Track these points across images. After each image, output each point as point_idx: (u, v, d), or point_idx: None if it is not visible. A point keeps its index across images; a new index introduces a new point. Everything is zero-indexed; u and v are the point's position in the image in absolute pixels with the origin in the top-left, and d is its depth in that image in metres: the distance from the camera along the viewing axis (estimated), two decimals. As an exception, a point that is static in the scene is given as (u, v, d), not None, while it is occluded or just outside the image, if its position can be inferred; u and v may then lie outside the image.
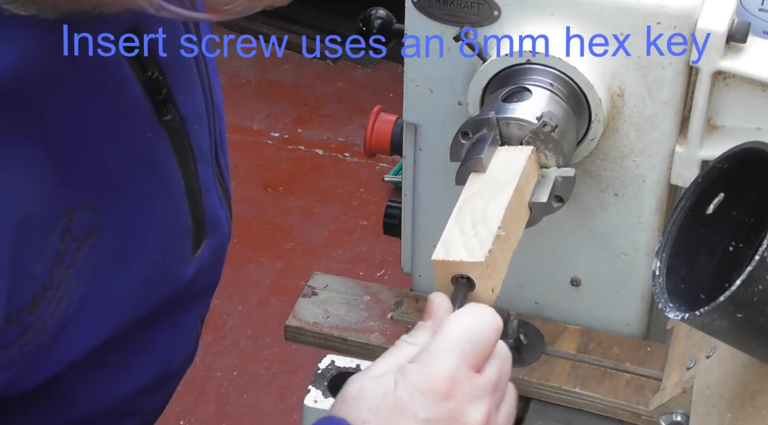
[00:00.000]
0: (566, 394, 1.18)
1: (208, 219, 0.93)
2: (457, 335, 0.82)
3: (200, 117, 0.90)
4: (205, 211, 0.92)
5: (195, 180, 0.89)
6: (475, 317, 0.83)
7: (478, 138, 1.04)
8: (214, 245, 0.94)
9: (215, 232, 0.94)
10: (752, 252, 0.91)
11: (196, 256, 0.92)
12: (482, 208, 0.96)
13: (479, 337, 0.82)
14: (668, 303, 0.90)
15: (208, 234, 0.93)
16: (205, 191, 0.92)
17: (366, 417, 0.79)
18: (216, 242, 0.95)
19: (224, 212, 0.97)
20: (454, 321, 0.83)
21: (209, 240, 0.93)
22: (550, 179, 1.03)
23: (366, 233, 2.78)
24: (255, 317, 2.58)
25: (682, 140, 1.15)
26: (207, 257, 0.93)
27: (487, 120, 1.04)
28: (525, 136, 1.04)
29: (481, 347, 0.82)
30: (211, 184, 0.93)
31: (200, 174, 0.90)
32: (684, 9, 1.08)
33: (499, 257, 0.92)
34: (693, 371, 1.07)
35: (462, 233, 0.93)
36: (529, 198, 1.01)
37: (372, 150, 1.31)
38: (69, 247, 0.78)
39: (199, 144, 0.89)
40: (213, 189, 0.94)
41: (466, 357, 0.81)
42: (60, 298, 0.78)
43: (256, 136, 3.13)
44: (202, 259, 0.92)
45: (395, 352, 0.84)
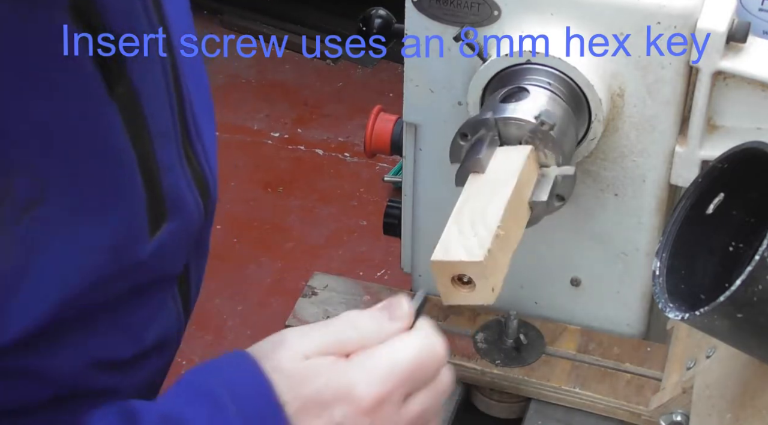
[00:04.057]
0: (566, 394, 1.18)
1: (169, 200, 0.91)
2: (406, 361, 0.82)
3: (158, 93, 0.88)
4: (164, 189, 0.90)
5: (152, 157, 0.88)
6: (428, 346, 0.84)
7: (476, 139, 1.04)
8: (177, 227, 0.92)
9: (178, 214, 0.92)
10: (752, 252, 0.91)
11: (156, 237, 0.90)
12: (481, 208, 0.96)
13: (424, 368, 0.83)
14: (668, 303, 0.90)
15: (169, 216, 0.91)
16: (165, 169, 0.90)
17: (287, 398, 0.80)
18: (180, 225, 0.93)
19: (193, 196, 0.95)
20: (408, 343, 0.84)
21: (171, 223, 0.91)
22: (550, 178, 1.03)
23: (366, 233, 2.78)
24: (255, 317, 2.58)
25: (682, 140, 1.15)
26: (168, 239, 0.91)
27: (485, 121, 1.04)
28: (524, 135, 1.04)
29: (422, 377, 0.83)
30: (173, 163, 0.91)
31: (158, 151, 0.89)
32: (684, 9, 1.08)
33: (499, 257, 0.92)
34: (693, 371, 1.07)
35: (461, 233, 0.93)
36: (529, 197, 1.01)
37: (372, 150, 1.31)
38: (9, 213, 0.77)
39: (155, 120, 0.88)
40: (176, 168, 0.91)
41: (405, 385, 0.82)
42: None
43: (256, 136, 3.12)
44: (161, 240, 0.91)
45: (337, 332, 0.84)
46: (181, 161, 0.92)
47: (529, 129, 1.03)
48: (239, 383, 0.82)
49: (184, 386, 0.83)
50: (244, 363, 0.83)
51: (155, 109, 0.87)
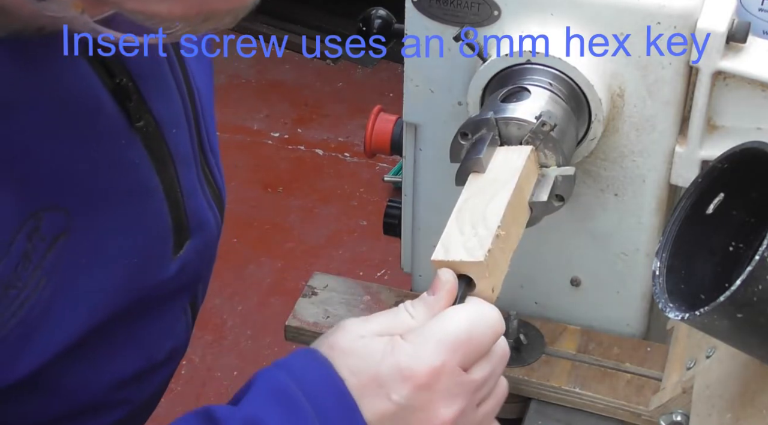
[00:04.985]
0: (566, 394, 1.18)
1: (193, 221, 0.92)
2: (454, 330, 0.83)
3: (178, 120, 0.89)
4: (188, 214, 0.91)
5: (176, 184, 0.89)
6: (478, 315, 0.84)
7: (477, 139, 1.04)
8: (198, 244, 0.94)
9: (200, 232, 0.94)
10: (752, 252, 0.91)
11: (179, 256, 0.91)
12: (482, 208, 0.96)
13: (476, 337, 0.84)
14: (668, 303, 0.90)
15: (192, 235, 0.93)
16: (188, 195, 0.91)
17: (345, 375, 0.82)
18: (201, 242, 0.94)
19: (212, 213, 0.96)
20: (455, 314, 0.84)
21: (193, 240, 0.93)
22: (550, 178, 1.03)
23: (366, 233, 2.78)
24: (255, 317, 2.58)
25: (682, 140, 1.15)
26: (191, 256, 0.93)
27: (486, 120, 1.04)
28: (524, 136, 1.04)
29: (475, 347, 0.84)
30: (195, 186, 0.93)
31: (181, 178, 0.90)
32: (684, 9, 1.08)
33: (499, 257, 0.92)
34: (693, 371, 1.07)
35: (461, 233, 0.93)
36: (529, 198, 1.01)
37: (372, 150, 1.31)
38: (38, 247, 0.78)
39: (177, 148, 0.89)
40: (197, 191, 0.93)
41: (458, 354, 0.83)
42: (24, 298, 0.78)
43: (256, 136, 3.12)
44: (184, 258, 0.92)
45: (393, 317, 0.86)
46: (201, 182, 0.93)
47: (529, 129, 1.03)
48: (310, 378, 0.83)
49: (258, 386, 0.84)
50: (310, 354, 0.85)
51: (175, 137, 0.88)
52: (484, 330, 0.84)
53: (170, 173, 0.88)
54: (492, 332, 0.85)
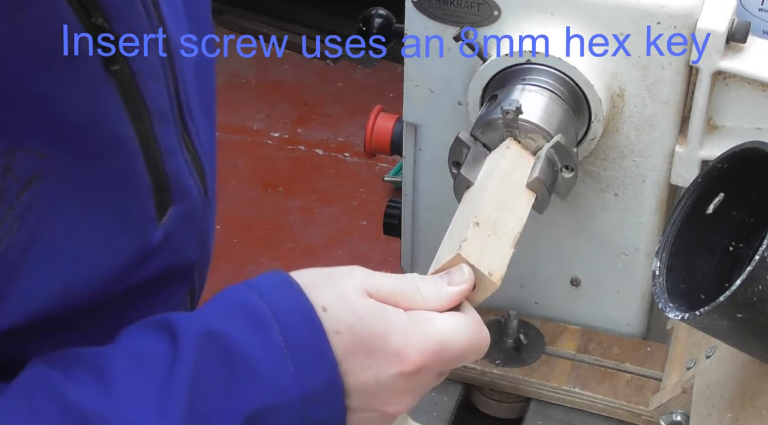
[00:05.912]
0: (566, 394, 1.18)
1: (174, 184, 0.91)
2: (454, 348, 0.84)
3: (155, 73, 0.88)
4: (168, 173, 0.90)
5: (152, 140, 0.87)
6: (477, 341, 0.85)
7: (465, 161, 1.05)
8: (181, 212, 0.92)
9: (184, 199, 0.92)
10: (752, 252, 0.92)
11: (163, 222, 0.90)
12: (470, 209, 0.96)
13: (466, 359, 0.85)
14: (668, 303, 0.90)
15: (174, 200, 0.91)
16: (167, 153, 0.89)
17: (341, 328, 0.82)
18: (184, 210, 0.93)
19: (194, 181, 0.95)
20: (463, 330, 0.85)
21: (177, 207, 0.91)
22: (541, 155, 1.03)
23: (366, 233, 2.78)
24: (255, 317, 2.58)
25: (682, 140, 1.15)
26: (175, 225, 0.91)
27: (460, 141, 1.05)
28: (502, 133, 1.04)
29: (457, 363, 0.85)
30: (174, 146, 0.91)
31: (158, 134, 0.88)
32: (684, 9, 1.08)
33: (490, 243, 0.91)
34: (693, 371, 1.07)
35: (450, 239, 0.94)
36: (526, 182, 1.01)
37: (372, 150, 1.32)
38: (11, 187, 0.77)
39: (154, 101, 0.87)
40: (177, 152, 0.91)
41: (444, 364, 0.84)
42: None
43: (256, 136, 3.12)
44: (168, 226, 0.91)
45: (402, 286, 0.86)
46: (180, 144, 0.92)
47: (502, 125, 1.04)
48: (283, 306, 0.83)
49: (224, 300, 0.83)
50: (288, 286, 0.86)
51: (152, 89, 0.87)
52: (474, 356, 0.86)
53: (146, 126, 0.86)
54: (475, 358, 0.87)
